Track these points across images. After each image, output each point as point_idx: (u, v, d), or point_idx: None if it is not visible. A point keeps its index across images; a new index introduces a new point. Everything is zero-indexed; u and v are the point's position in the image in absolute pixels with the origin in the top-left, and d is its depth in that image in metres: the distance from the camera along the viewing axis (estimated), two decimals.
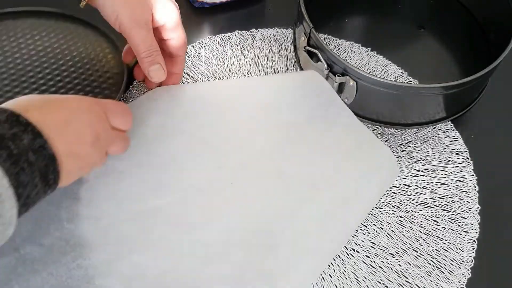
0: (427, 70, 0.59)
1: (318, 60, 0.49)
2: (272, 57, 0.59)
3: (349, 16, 0.64)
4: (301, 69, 0.53)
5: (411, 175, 0.51)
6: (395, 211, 0.49)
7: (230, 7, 0.64)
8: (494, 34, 0.60)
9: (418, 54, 0.61)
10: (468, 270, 0.46)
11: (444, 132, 0.54)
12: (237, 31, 0.62)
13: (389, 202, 0.49)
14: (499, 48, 0.51)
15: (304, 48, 0.50)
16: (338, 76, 0.48)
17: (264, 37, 0.61)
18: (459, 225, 0.48)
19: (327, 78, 0.49)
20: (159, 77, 0.48)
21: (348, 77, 0.47)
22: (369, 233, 0.47)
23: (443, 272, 0.45)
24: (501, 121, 0.57)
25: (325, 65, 0.48)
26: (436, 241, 0.47)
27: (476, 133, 0.55)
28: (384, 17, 0.64)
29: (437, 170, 0.51)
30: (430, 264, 0.46)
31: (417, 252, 0.46)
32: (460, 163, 0.52)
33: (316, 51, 0.49)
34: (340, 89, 0.49)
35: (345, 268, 0.45)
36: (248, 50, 0.60)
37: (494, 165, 0.53)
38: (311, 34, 0.50)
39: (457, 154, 0.53)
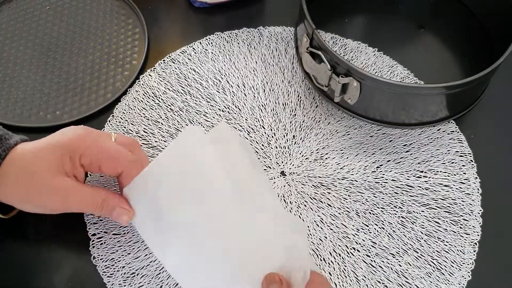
0: (428, 70, 0.59)
1: (321, 61, 0.49)
2: (278, 55, 0.59)
3: (348, 16, 0.64)
4: (303, 68, 0.53)
5: (414, 176, 0.51)
6: (397, 212, 0.49)
7: (230, 6, 0.64)
8: (495, 33, 0.60)
9: (419, 54, 0.61)
10: (469, 272, 0.46)
11: (448, 134, 0.54)
12: (244, 28, 0.62)
13: (391, 202, 0.49)
14: (500, 47, 0.51)
15: (307, 49, 0.50)
16: (341, 77, 0.48)
17: (271, 34, 0.61)
18: (460, 227, 0.48)
19: (330, 79, 0.49)
20: (125, 219, 0.43)
21: (351, 77, 0.47)
22: (370, 232, 0.47)
23: (443, 274, 0.46)
24: (503, 120, 0.57)
25: (329, 66, 0.48)
26: (437, 242, 0.47)
27: (478, 133, 0.54)
28: (384, 17, 0.64)
29: (441, 171, 0.51)
30: (430, 265, 0.46)
31: (417, 253, 0.47)
32: (463, 165, 0.52)
33: (319, 52, 0.49)
34: (344, 90, 0.49)
35: (345, 266, 0.46)
36: (254, 48, 0.60)
37: (496, 166, 0.53)
38: (313, 35, 0.49)
39: (461, 156, 0.53)
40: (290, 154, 0.52)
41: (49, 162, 0.41)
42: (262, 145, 0.53)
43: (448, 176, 0.51)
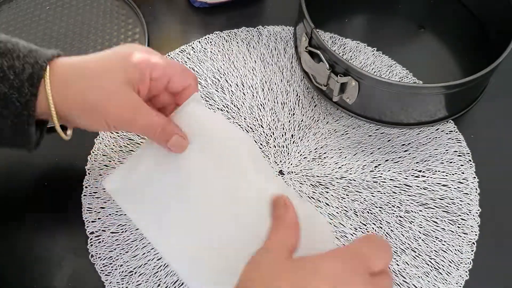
0: (428, 70, 0.59)
1: (320, 60, 0.49)
2: (277, 54, 0.60)
3: (349, 15, 0.64)
4: (302, 68, 0.54)
5: (412, 175, 0.51)
6: (395, 211, 0.49)
7: (230, 6, 0.64)
8: (495, 33, 0.60)
9: (419, 54, 0.61)
10: (466, 272, 0.46)
11: (447, 133, 0.54)
12: (244, 27, 0.62)
13: (389, 202, 0.49)
14: (500, 47, 0.51)
15: (306, 48, 0.50)
16: (340, 76, 0.48)
17: (270, 34, 0.61)
18: (458, 227, 0.48)
19: (328, 78, 0.49)
20: (183, 146, 0.42)
21: (350, 77, 0.48)
22: (368, 231, 0.48)
23: (441, 273, 0.46)
24: (502, 120, 0.56)
25: (327, 66, 0.48)
26: (435, 242, 0.47)
27: (477, 133, 0.54)
28: (384, 17, 0.64)
29: (439, 171, 0.51)
30: (428, 264, 0.46)
31: (415, 252, 0.47)
32: (462, 165, 0.52)
33: (317, 51, 0.49)
34: (342, 89, 0.49)
35: None
36: (253, 47, 0.60)
37: (494, 166, 0.52)
38: (312, 35, 0.50)
39: (459, 156, 0.53)
40: (288, 153, 0.52)
41: (118, 73, 0.39)
42: (261, 144, 0.53)
43: (447, 175, 0.51)
